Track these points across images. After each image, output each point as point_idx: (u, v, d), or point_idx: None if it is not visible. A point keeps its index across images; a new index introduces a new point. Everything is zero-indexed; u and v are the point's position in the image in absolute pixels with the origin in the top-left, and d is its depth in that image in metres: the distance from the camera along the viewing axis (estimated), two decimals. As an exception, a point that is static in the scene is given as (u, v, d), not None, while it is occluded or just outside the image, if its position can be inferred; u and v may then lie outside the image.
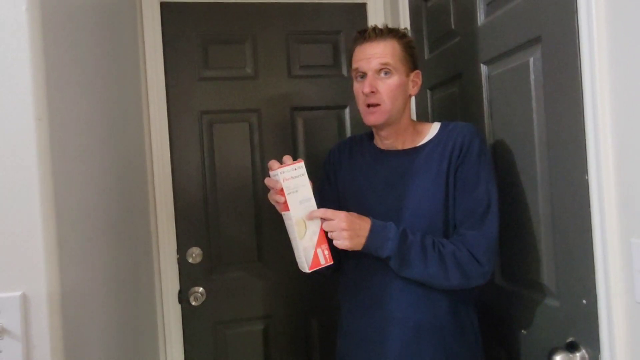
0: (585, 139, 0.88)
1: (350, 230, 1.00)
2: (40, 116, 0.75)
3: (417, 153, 1.14)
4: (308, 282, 1.81)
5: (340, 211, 1.03)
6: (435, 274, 1.03)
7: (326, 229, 1.02)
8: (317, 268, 1.04)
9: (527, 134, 1.07)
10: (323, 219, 1.03)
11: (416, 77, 1.15)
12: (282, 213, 1.06)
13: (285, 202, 1.01)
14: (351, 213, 1.04)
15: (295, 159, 1.04)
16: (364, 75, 1.11)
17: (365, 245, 1.03)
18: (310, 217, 1.03)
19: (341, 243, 1.01)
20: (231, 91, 1.80)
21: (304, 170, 1.03)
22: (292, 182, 1.02)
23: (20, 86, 0.74)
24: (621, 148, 0.82)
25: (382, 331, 1.11)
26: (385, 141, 1.18)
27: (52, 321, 0.77)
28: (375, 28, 1.12)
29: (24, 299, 0.75)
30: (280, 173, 1.01)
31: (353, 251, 1.05)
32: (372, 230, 1.03)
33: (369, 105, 1.11)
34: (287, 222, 1.05)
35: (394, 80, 1.09)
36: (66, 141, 0.86)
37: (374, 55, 1.09)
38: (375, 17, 1.85)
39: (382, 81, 1.09)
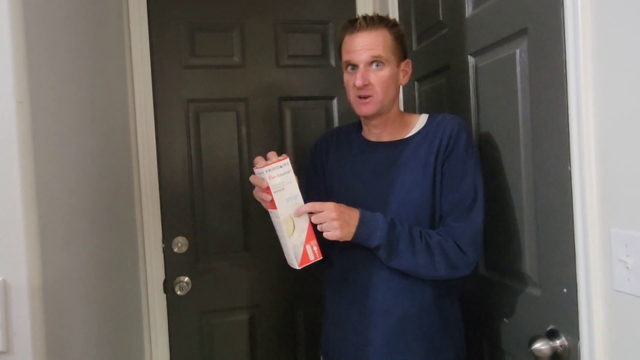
0: (568, 131, 0.89)
1: (340, 219, 1.00)
2: (22, 99, 0.73)
3: (404, 145, 1.14)
4: (294, 273, 1.78)
5: (328, 202, 1.02)
6: (423, 264, 1.04)
7: (316, 222, 1.01)
8: (307, 264, 1.03)
9: (512, 125, 1.08)
10: (311, 214, 1.02)
11: (406, 67, 1.15)
12: (269, 211, 1.04)
13: (272, 200, 1.00)
14: (339, 204, 1.03)
15: (283, 149, 1.03)
16: (355, 66, 1.10)
17: (356, 235, 1.02)
18: (298, 214, 1.01)
19: (332, 234, 1.00)
20: (218, 80, 1.78)
21: (289, 167, 1.02)
22: (278, 180, 1.00)
23: (1, 68, 0.72)
24: (603, 140, 0.83)
25: (367, 322, 1.12)
26: (374, 131, 1.18)
27: (33, 308, 0.76)
28: (366, 17, 1.09)
29: (4, 286, 0.73)
30: (266, 171, 0.99)
31: (340, 243, 1.05)
32: (362, 220, 1.03)
33: (360, 97, 1.11)
34: (274, 220, 1.04)
35: (385, 71, 1.08)
36: (48, 125, 0.84)
37: (365, 47, 1.07)
38: (364, 8, 1.84)
39: (373, 73, 1.08)
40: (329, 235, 1.00)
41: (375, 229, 1.02)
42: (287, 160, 1.02)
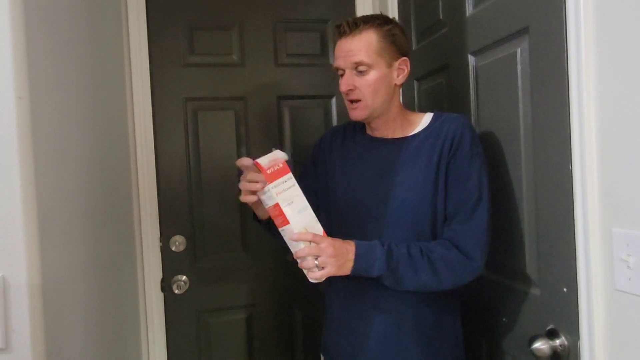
0: (570, 130, 0.89)
1: (337, 256, 0.97)
2: (21, 95, 0.73)
3: (407, 143, 1.13)
4: (292, 273, 1.81)
5: (324, 238, 0.99)
6: (428, 281, 1.02)
7: (315, 254, 0.97)
8: None
9: (513, 124, 1.08)
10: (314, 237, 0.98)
11: (402, 65, 1.11)
12: (280, 230, 0.99)
13: (284, 216, 0.96)
14: (334, 239, 1.00)
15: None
16: (343, 72, 1.10)
17: (354, 268, 1.00)
18: (302, 238, 0.98)
19: (327, 271, 0.97)
20: (217, 78, 1.78)
21: (293, 180, 0.98)
22: (285, 194, 0.96)
23: (0, 64, 0.72)
24: (605, 139, 0.83)
25: (365, 322, 1.12)
26: (375, 131, 1.18)
27: (32, 306, 0.75)
28: (349, 22, 1.08)
29: (4, 282, 0.73)
30: (273, 187, 0.95)
31: None
32: (358, 252, 1.00)
33: (350, 101, 1.10)
34: (287, 237, 0.99)
35: (371, 75, 1.07)
36: (48, 122, 0.84)
37: (348, 53, 1.07)
38: (364, 7, 1.84)
39: (359, 78, 1.07)
40: (323, 273, 0.97)
41: (374, 259, 1.00)
42: (290, 174, 0.98)
